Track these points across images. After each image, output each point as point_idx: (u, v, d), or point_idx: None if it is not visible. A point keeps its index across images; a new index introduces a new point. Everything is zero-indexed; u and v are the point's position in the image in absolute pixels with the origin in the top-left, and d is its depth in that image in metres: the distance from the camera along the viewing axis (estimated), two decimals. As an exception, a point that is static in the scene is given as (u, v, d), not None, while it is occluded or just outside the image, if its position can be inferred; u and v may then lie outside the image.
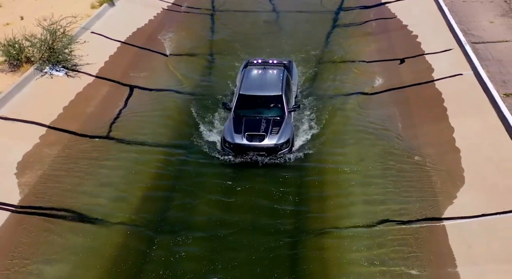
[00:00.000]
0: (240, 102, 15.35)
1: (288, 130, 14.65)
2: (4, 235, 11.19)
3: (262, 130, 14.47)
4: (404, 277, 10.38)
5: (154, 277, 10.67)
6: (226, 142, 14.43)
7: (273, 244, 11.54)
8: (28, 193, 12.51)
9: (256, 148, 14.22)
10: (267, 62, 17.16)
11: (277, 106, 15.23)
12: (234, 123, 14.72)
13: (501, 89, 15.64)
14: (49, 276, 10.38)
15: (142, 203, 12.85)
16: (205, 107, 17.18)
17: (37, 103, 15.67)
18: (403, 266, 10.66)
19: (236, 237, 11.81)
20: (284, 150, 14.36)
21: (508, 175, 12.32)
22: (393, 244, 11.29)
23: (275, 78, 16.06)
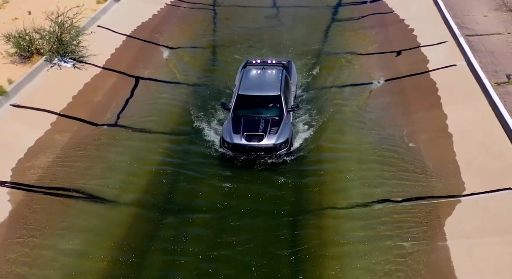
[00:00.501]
0: (239, 102, 15.36)
1: (286, 130, 14.67)
2: (19, 212, 11.84)
3: (260, 130, 14.49)
4: (398, 250, 11.02)
5: (160, 252, 11.34)
6: (225, 142, 14.49)
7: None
8: (41, 174, 13.18)
9: (255, 147, 14.27)
10: (266, 62, 17.20)
11: (276, 106, 15.25)
12: (233, 124, 14.73)
13: (492, 78, 16.29)
14: (63, 249, 11.04)
15: (149, 185, 13.50)
16: (208, 97, 17.84)
17: (47, 93, 16.32)
18: (397, 240, 11.30)
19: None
20: (283, 150, 14.39)
21: (496, 158, 12.98)
22: (387, 221, 11.94)
23: (274, 78, 16.08)
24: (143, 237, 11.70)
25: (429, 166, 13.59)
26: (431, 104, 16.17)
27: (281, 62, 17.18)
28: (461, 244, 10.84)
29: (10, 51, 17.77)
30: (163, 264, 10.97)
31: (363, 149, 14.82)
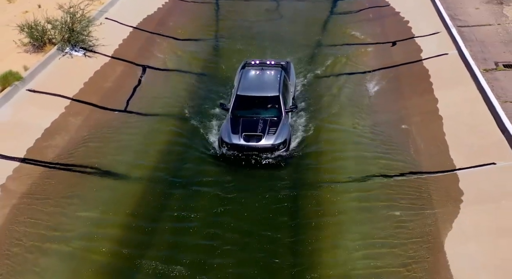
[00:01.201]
0: (238, 103, 15.42)
1: (285, 130, 14.73)
2: (39, 185, 12.81)
3: (259, 131, 14.53)
4: (390, 218, 11.96)
5: (169, 219, 12.36)
6: (223, 142, 14.51)
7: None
8: (57, 153, 14.13)
9: (253, 148, 14.30)
10: (264, 63, 17.35)
11: (275, 107, 15.30)
12: (231, 124, 14.78)
13: (481, 65, 17.22)
14: (81, 217, 12.00)
15: (158, 162, 14.47)
16: (212, 84, 18.81)
17: (60, 79, 17.24)
18: (389, 209, 12.25)
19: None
20: (281, 150, 14.49)
21: (482, 136, 13.92)
22: (381, 194, 12.90)
23: (272, 79, 16.18)
24: (153, 206, 12.70)
25: (421, 145, 14.53)
26: (424, 90, 17.10)
27: (279, 63, 17.38)
28: (447, 212, 11.79)
29: (24, 41, 18.69)
30: (172, 229, 12.00)
31: (359, 131, 15.76)
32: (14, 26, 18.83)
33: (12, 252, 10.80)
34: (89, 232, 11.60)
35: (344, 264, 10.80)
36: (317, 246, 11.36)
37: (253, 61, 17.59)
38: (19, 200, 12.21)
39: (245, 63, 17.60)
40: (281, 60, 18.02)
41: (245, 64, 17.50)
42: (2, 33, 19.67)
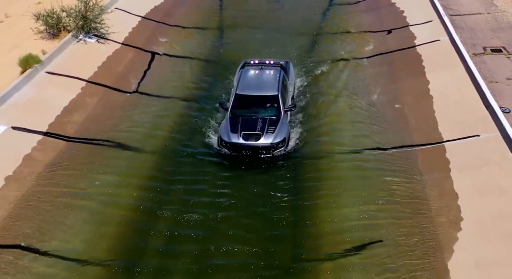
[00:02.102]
0: (237, 102, 15.51)
1: (284, 129, 14.83)
2: (61, 156, 13.99)
3: (258, 130, 14.60)
4: (382, 182, 13.14)
5: (181, 182, 13.66)
6: (222, 141, 14.60)
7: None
8: (76, 128, 15.31)
9: (252, 147, 14.38)
10: (264, 62, 17.46)
11: (273, 106, 15.39)
12: (230, 123, 14.86)
13: (470, 50, 18.36)
14: (102, 182, 13.23)
15: (167, 139, 15.63)
16: (217, 70, 19.98)
17: (75, 63, 18.38)
18: (382, 176, 13.42)
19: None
20: (280, 149, 14.61)
21: (469, 112, 15.07)
22: (374, 163, 14.07)
23: (271, 78, 16.29)
24: (166, 172, 13.96)
25: (412, 121, 15.70)
26: (416, 72, 18.24)
27: (279, 63, 17.55)
28: (434, 178, 12.98)
29: (40, 29, 19.85)
30: (184, 190, 13.27)
31: (355, 110, 16.92)
32: (29, 15, 19.97)
33: (42, 210, 11.98)
34: (110, 191, 12.91)
35: (340, 219, 11.99)
36: (315, 205, 12.57)
37: (253, 61, 17.69)
38: (44, 167, 13.40)
39: (244, 63, 17.74)
40: (280, 60, 18.14)
41: (245, 64, 17.66)
42: (18, 22, 20.88)
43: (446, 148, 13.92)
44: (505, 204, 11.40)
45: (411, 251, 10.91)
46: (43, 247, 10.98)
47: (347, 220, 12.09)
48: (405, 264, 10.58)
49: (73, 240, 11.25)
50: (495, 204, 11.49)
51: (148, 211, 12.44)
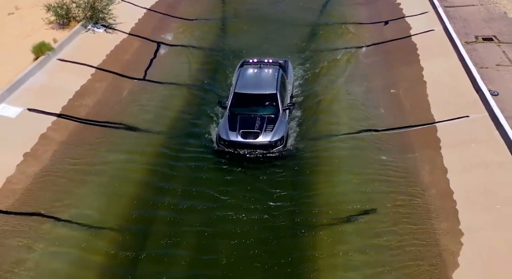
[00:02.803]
0: (235, 101, 15.56)
1: (282, 127, 14.87)
2: (75, 136, 14.84)
3: (256, 128, 14.65)
4: (377, 160, 13.99)
5: (186, 159, 14.59)
6: (221, 139, 14.66)
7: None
8: (88, 111, 16.14)
9: (251, 145, 14.45)
10: (262, 61, 17.42)
11: (272, 104, 15.44)
12: (229, 121, 14.93)
13: (463, 39, 19.20)
14: (111, 159, 14.09)
15: (174, 121, 16.50)
16: (220, 58, 20.80)
17: (85, 51, 19.22)
18: (376, 154, 14.27)
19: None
20: (279, 147, 14.62)
21: (460, 96, 15.91)
22: (370, 143, 14.91)
23: (270, 77, 16.31)
24: (172, 151, 14.84)
25: (406, 105, 16.53)
26: (411, 60, 19.08)
27: (277, 62, 17.50)
28: (426, 155, 13.83)
29: (51, 19, 20.69)
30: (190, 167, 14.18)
31: (352, 95, 17.76)
32: (39, 7, 20.80)
33: (59, 183, 12.85)
34: (120, 167, 13.78)
35: (337, 193, 12.83)
36: (314, 181, 13.43)
37: (251, 60, 17.65)
38: (59, 145, 14.26)
39: (243, 62, 17.77)
40: (279, 59, 18.11)
41: (244, 62, 17.66)
42: (28, 14, 21.71)
43: (438, 128, 14.76)
44: (490, 176, 12.25)
45: (402, 218, 11.76)
46: (61, 215, 11.85)
47: (343, 193, 12.93)
48: (397, 230, 11.42)
49: (88, 208, 12.14)
50: (480, 177, 12.33)
51: (155, 185, 13.34)
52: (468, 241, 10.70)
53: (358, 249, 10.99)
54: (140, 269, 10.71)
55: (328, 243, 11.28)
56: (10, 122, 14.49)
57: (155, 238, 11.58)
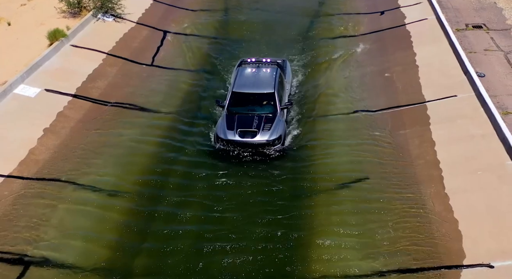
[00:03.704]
0: (233, 100, 15.61)
1: (280, 127, 14.90)
2: (90, 114, 15.94)
3: (254, 127, 14.70)
4: (370, 136, 15.08)
5: (194, 134, 15.73)
6: (218, 138, 14.72)
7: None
8: (100, 93, 17.23)
9: (248, 144, 14.50)
10: (260, 61, 17.47)
11: (270, 103, 15.49)
12: (227, 120, 14.98)
13: (454, 26, 20.26)
14: (124, 135, 15.19)
15: (182, 102, 17.59)
16: (222, 46, 21.94)
17: (96, 38, 20.30)
18: (369, 131, 15.36)
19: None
20: (276, 146, 14.66)
21: (449, 78, 16.97)
22: (364, 122, 15.99)
23: (268, 76, 16.36)
24: (180, 129, 15.92)
25: (399, 87, 17.62)
26: (405, 46, 20.15)
27: (276, 61, 17.59)
28: (415, 131, 14.92)
29: (63, 8, 21.77)
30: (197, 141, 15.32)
31: (349, 79, 18.84)
32: (52, -4, 21.89)
33: (77, 154, 13.97)
34: (133, 141, 14.93)
35: (333, 163, 13.93)
36: (312, 153, 14.55)
37: (249, 59, 17.75)
38: (75, 122, 15.37)
39: (241, 61, 17.85)
40: (278, 59, 18.26)
41: (241, 62, 17.77)
42: (40, 4, 22.76)
43: (428, 107, 15.84)
44: (473, 146, 13.36)
45: (392, 185, 12.86)
46: (81, 181, 12.98)
47: (339, 163, 14.03)
48: (387, 194, 12.54)
49: (105, 175, 13.29)
50: (465, 147, 13.43)
51: (165, 155, 14.52)
52: (452, 202, 11.80)
53: (351, 210, 12.12)
54: (154, 225, 11.85)
55: (324, 205, 12.42)
56: (30, 101, 15.59)
57: (166, 199, 12.73)
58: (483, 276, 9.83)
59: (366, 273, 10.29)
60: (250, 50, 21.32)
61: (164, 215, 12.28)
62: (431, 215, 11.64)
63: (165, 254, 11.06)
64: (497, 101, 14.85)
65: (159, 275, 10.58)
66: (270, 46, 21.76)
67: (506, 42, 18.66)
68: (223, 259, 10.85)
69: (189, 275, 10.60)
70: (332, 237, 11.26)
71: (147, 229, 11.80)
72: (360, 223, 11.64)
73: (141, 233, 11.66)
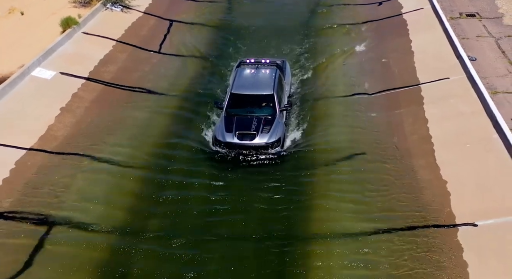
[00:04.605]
0: (232, 101, 15.38)
1: (279, 129, 14.72)
2: (103, 96, 16.91)
3: (253, 129, 14.51)
4: (366, 117, 16.01)
5: (201, 113, 16.70)
6: (217, 140, 14.53)
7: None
8: (112, 76, 18.18)
9: (247, 146, 14.29)
10: (260, 61, 17.22)
11: (269, 105, 15.28)
12: (225, 122, 14.79)
13: (448, 15, 21.17)
14: (136, 114, 16.16)
15: (189, 85, 18.54)
16: (225, 35, 22.87)
17: (106, 27, 21.23)
18: (366, 112, 16.29)
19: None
20: (275, 148, 14.49)
21: (442, 62, 17.87)
22: (361, 104, 16.94)
23: (267, 77, 16.13)
24: (188, 109, 16.89)
25: (395, 71, 18.54)
26: (401, 34, 21.07)
27: (275, 62, 17.37)
28: (410, 110, 15.84)
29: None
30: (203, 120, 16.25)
31: (348, 65, 19.78)
32: (62, -12, 22.81)
33: (92, 131, 14.96)
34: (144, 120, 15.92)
35: (331, 140, 14.87)
36: (313, 131, 15.47)
37: (248, 60, 17.51)
38: (89, 103, 16.33)
39: (240, 62, 17.64)
40: (277, 59, 18.10)
41: (240, 63, 17.54)
42: (51, -5, 23.70)
43: (422, 88, 16.77)
44: (463, 122, 14.29)
45: (387, 158, 13.80)
46: (97, 154, 13.95)
47: (337, 141, 14.94)
48: (382, 166, 13.47)
49: (120, 148, 14.27)
50: (455, 124, 14.36)
51: (175, 131, 15.60)
52: (442, 172, 12.73)
53: (349, 179, 13.07)
54: (167, 192, 12.82)
55: (323, 175, 13.40)
56: (46, 83, 16.55)
57: (176, 171, 13.71)
58: (468, 233, 10.77)
59: (361, 232, 11.24)
60: (253, 38, 22.39)
61: (174, 183, 13.26)
62: (423, 183, 12.58)
63: (177, 215, 12.10)
64: (487, 82, 15.77)
65: (171, 232, 11.60)
66: (273, 34, 22.67)
67: (497, 29, 19.58)
68: (230, 217, 11.90)
69: (199, 231, 11.66)
70: (331, 201, 12.23)
71: (159, 195, 12.77)
72: (357, 190, 12.59)
73: (154, 198, 12.65)
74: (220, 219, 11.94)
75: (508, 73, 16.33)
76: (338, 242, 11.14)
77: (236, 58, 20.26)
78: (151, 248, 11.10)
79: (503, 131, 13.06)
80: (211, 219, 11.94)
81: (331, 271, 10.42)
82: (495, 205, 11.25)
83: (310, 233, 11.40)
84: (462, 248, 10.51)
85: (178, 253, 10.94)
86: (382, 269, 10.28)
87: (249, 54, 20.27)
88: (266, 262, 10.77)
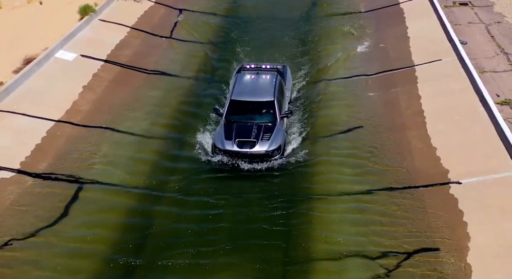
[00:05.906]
0: (232, 108, 15.09)
1: (279, 136, 14.46)
2: (119, 76, 18.30)
3: (253, 137, 14.23)
4: (364, 97, 17.34)
5: (210, 96, 17.94)
6: (216, 148, 14.28)
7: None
8: (127, 59, 19.53)
9: (247, 154, 14.08)
10: (260, 67, 16.97)
11: (269, 112, 15.02)
12: (225, 129, 14.50)
13: (442, 3, 22.46)
14: (152, 93, 17.52)
15: (198, 69, 19.89)
16: (232, 23, 24.22)
17: (120, 14, 22.56)
18: (364, 92, 17.62)
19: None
20: (276, 156, 14.25)
21: (436, 46, 19.15)
22: (360, 84, 18.26)
23: (267, 83, 15.86)
24: (199, 91, 18.21)
25: (392, 54, 19.86)
26: (398, 22, 22.37)
27: (275, 67, 17.10)
28: (405, 88, 17.15)
29: (89, -12, 24.05)
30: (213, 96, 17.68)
31: (348, 50, 21.09)
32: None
33: (113, 107, 16.35)
34: (159, 99, 17.32)
35: (331, 115, 16.23)
36: (315, 108, 16.83)
37: (249, 65, 17.28)
38: (108, 82, 17.72)
39: (240, 68, 17.38)
40: (278, 64, 17.89)
41: (241, 68, 17.26)
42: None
43: (416, 69, 18.09)
44: (452, 98, 15.62)
45: (383, 130, 15.15)
46: (118, 127, 15.35)
47: (337, 116, 16.30)
48: (378, 137, 14.82)
49: (139, 123, 15.68)
50: (446, 99, 15.69)
51: (188, 109, 16.99)
52: (432, 141, 14.08)
53: (347, 149, 14.45)
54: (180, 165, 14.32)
55: (324, 146, 14.79)
56: (69, 64, 17.92)
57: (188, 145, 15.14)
58: (453, 190, 12.13)
59: (357, 192, 12.65)
60: (258, 26, 23.75)
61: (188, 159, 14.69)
62: (414, 151, 13.93)
63: (191, 181, 13.48)
64: (476, 63, 17.08)
65: (186, 194, 13.09)
66: (277, 22, 24.02)
67: (488, 16, 20.87)
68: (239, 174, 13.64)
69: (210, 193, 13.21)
70: (329, 167, 13.62)
71: (175, 165, 14.21)
72: (353, 156, 13.97)
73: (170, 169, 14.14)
74: (229, 183, 13.48)
75: (495, 55, 17.65)
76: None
77: (242, 44, 21.63)
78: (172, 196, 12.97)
79: (488, 105, 14.39)
80: (221, 183, 13.55)
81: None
82: (478, 166, 12.59)
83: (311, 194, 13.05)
84: (447, 203, 11.88)
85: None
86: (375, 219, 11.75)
87: (255, 38, 21.84)
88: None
